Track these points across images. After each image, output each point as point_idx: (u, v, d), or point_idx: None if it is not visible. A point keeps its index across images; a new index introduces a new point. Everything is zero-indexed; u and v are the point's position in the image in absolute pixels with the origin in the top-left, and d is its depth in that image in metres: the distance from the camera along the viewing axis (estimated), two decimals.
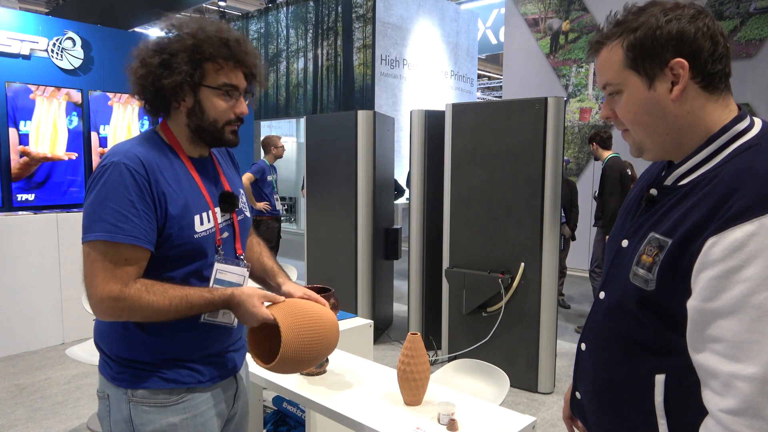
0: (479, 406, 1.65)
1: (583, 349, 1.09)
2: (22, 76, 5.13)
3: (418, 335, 1.65)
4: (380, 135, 4.58)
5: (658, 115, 0.92)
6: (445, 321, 4.03)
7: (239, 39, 1.29)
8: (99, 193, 1.18)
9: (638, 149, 0.99)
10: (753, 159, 0.83)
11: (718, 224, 0.80)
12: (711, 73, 0.89)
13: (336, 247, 4.66)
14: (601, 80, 0.98)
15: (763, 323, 0.76)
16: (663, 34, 0.88)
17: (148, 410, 1.26)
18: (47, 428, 3.08)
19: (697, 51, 0.88)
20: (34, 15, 5.50)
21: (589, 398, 1.07)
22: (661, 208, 0.93)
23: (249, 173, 5.37)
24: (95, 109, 5.42)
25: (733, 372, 0.78)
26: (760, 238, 0.76)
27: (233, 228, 1.39)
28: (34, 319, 4.31)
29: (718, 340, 0.80)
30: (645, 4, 0.94)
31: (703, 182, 0.88)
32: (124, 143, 1.27)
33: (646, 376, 0.93)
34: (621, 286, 0.97)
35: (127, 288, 1.17)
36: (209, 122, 1.29)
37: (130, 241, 1.17)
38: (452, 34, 11.78)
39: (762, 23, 5.79)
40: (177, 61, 1.22)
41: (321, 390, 1.75)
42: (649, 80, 0.91)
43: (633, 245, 0.96)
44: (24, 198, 4.98)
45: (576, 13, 7.53)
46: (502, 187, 3.67)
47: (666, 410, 0.91)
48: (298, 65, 11.49)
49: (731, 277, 0.78)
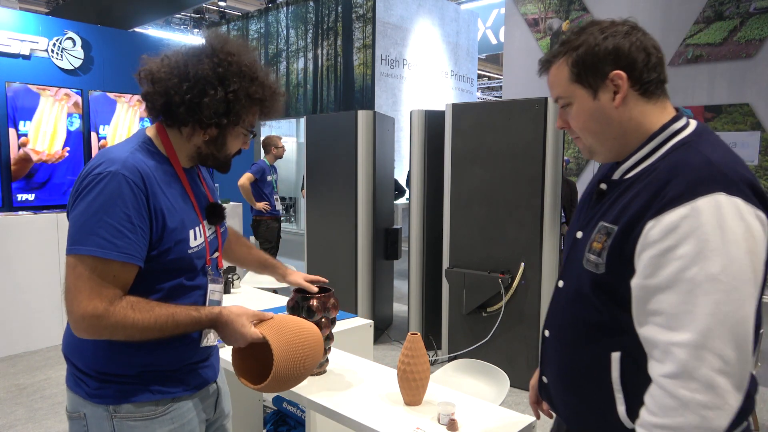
0: (479, 406, 1.65)
1: (546, 336, 1.17)
2: (22, 76, 5.13)
3: (418, 335, 1.65)
4: (380, 135, 4.58)
5: (604, 121, 1.03)
6: (445, 321, 4.03)
7: (278, 92, 1.31)
8: (92, 204, 1.11)
9: (589, 152, 1.10)
10: (686, 153, 0.95)
11: (656, 209, 0.90)
12: (647, 81, 1.01)
13: (336, 247, 4.66)
14: (553, 94, 1.09)
15: (695, 295, 0.85)
16: (601, 50, 1.00)
17: (134, 425, 1.21)
18: (47, 428, 3.08)
19: (632, 63, 1.00)
20: (34, 15, 5.49)
21: (555, 381, 1.14)
22: (609, 200, 1.04)
23: (249, 173, 5.36)
24: (95, 109, 5.42)
25: (670, 340, 0.87)
26: (691, 219, 0.86)
27: (217, 242, 1.38)
28: (34, 319, 4.31)
29: (657, 313, 0.89)
30: (585, 24, 1.06)
31: (644, 175, 0.98)
32: (117, 149, 1.20)
33: (603, 355, 1.01)
34: (577, 274, 1.06)
35: (112, 306, 1.11)
36: (224, 154, 1.30)
37: (123, 259, 1.11)
38: (452, 34, 11.78)
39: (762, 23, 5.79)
40: (240, 104, 1.21)
41: (321, 390, 1.75)
42: (594, 91, 1.03)
43: (586, 235, 1.06)
44: (24, 198, 4.98)
45: (576, 13, 7.53)
46: (502, 187, 3.67)
47: (622, 385, 1.00)
48: (298, 65, 11.49)
49: (667, 255, 0.88)
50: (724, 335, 0.84)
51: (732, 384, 0.84)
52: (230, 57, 1.21)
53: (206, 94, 1.18)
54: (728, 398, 0.84)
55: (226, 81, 1.20)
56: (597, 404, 1.04)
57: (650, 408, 0.90)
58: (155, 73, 1.21)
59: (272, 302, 2.73)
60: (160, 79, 1.20)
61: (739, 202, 0.87)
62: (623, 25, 1.03)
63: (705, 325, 0.85)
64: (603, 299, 1.00)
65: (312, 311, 1.75)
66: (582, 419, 1.09)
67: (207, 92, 1.18)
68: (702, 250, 0.85)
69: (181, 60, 1.21)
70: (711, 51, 5.78)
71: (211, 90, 1.18)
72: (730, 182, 0.88)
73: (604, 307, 1.01)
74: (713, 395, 0.84)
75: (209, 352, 1.37)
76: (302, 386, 1.77)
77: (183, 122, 1.23)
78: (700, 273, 0.85)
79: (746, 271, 0.85)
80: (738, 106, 5.57)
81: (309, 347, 1.30)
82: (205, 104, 1.18)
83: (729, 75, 5.75)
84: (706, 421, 0.84)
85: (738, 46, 6.15)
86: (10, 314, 4.21)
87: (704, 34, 5.78)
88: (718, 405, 0.84)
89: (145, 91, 1.23)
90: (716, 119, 5.53)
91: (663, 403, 0.88)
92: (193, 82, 1.18)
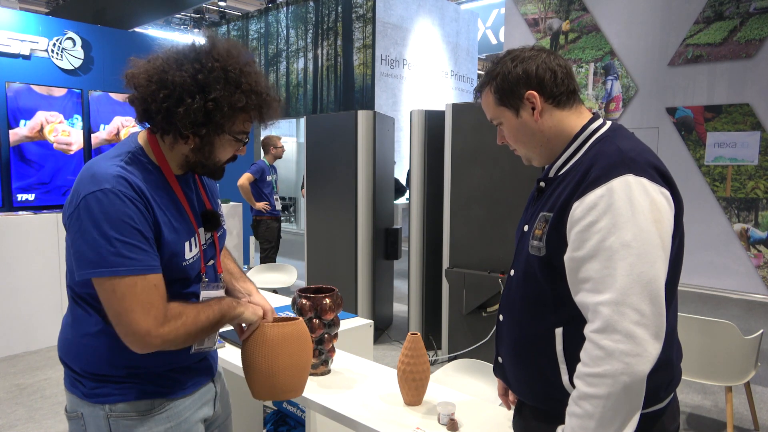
0: (479, 406, 1.65)
1: (501, 320, 1.31)
2: (22, 76, 5.13)
3: (418, 335, 1.66)
4: (380, 135, 4.58)
5: (530, 134, 1.21)
6: (445, 321, 4.03)
7: (270, 97, 1.24)
8: (97, 225, 1.09)
9: (527, 159, 1.28)
10: (603, 146, 1.13)
11: (580, 192, 1.06)
12: (558, 94, 1.18)
13: (336, 247, 4.66)
14: (488, 116, 1.29)
15: (613, 260, 1.00)
16: (513, 76, 1.18)
17: (130, 424, 1.21)
18: (47, 428, 3.08)
19: (541, 81, 1.17)
20: (34, 15, 5.49)
21: (508, 358, 1.27)
22: (546, 194, 1.20)
23: (248, 173, 5.36)
24: (95, 109, 5.42)
25: (597, 301, 1.01)
26: (606, 197, 1.02)
27: (214, 248, 1.37)
28: (34, 319, 4.31)
29: (586, 280, 1.04)
30: (502, 54, 1.24)
31: (572, 169, 1.15)
32: (105, 163, 1.16)
33: (548, 331, 1.15)
34: (524, 260, 1.21)
35: (165, 317, 1.14)
36: (213, 162, 1.24)
37: (153, 271, 1.14)
38: (452, 34, 11.78)
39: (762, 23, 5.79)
40: (220, 112, 1.16)
41: (321, 390, 1.75)
42: (515, 111, 1.21)
43: (530, 227, 1.21)
44: (24, 198, 4.98)
45: (576, 13, 7.53)
46: (502, 187, 3.67)
47: (565, 356, 1.13)
48: (298, 65, 11.49)
49: (589, 230, 1.03)
50: (639, 292, 0.98)
51: (649, 334, 0.98)
52: (214, 63, 1.15)
53: (183, 102, 1.13)
54: (647, 346, 0.98)
55: (207, 88, 1.14)
56: (545, 375, 1.17)
57: (584, 360, 1.03)
58: (136, 78, 1.17)
59: (272, 302, 2.73)
60: (140, 85, 1.16)
61: (644, 181, 1.03)
62: (531, 50, 1.20)
63: (622, 284, 0.99)
64: (548, 277, 1.14)
65: (302, 311, 1.75)
66: (533, 390, 1.22)
67: (184, 100, 1.13)
68: (616, 222, 1.01)
69: (162, 65, 1.16)
70: (711, 51, 5.78)
71: (188, 98, 1.13)
72: (637, 165, 1.04)
73: (548, 285, 1.14)
74: (633, 344, 0.97)
75: (204, 353, 1.36)
76: None
77: (163, 130, 1.18)
78: (616, 241, 1.00)
79: (653, 238, 1.00)
80: (738, 106, 5.57)
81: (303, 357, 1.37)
82: (180, 113, 1.13)
83: (729, 75, 5.75)
84: (629, 367, 0.97)
85: (738, 46, 6.15)
86: (10, 314, 4.20)
87: (704, 34, 5.78)
88: (638, 352, 0.97)
89: (131, 96, 1.20)
90: (716, 119, 5.53)
91: (592, 355, 1.01)
92: (171, 90, 1.13)
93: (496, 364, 1.35)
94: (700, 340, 2.80)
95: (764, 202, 5.06)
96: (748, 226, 5.09)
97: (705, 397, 3.59)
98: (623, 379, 0.97)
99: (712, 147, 5.40)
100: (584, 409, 1.01)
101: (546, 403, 1.19)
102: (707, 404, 3.49)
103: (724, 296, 5.15)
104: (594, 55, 5.76)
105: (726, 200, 5.20)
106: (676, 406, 1.20)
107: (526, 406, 1.27)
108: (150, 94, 1.14)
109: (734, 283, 5.09)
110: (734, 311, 5.57)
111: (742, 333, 2.78)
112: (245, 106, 1.19)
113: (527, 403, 1.26)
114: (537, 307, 1.18)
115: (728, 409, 2.85)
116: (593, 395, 1.00)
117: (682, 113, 5.56)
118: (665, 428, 1.15)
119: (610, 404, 0.98)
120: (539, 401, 1.21)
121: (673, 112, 5.59)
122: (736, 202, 5.17)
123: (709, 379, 2.84)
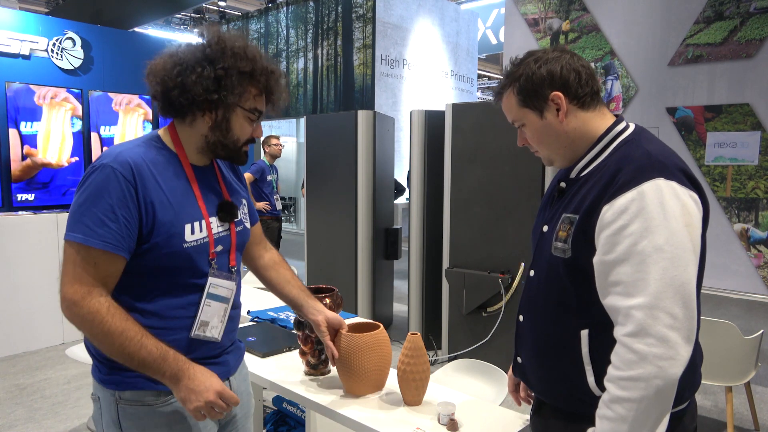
0: (479, 406, 1.65)
1: (521, 320, 1.31)
2: (22, 76, 5.13)
3: (418, 335, 1.65)
4: (380, 135, 4.58)
5: (554, 135, 1.20)
6: (445, 321, 4.03)
7: (275, 72, 1.33)
8: (83, 194, 1.18)
9: (548, 161, 1.27)
10: (630, 149, 1.12)
11: (609, 195, 1.06)
12: (582, 96, 1.18)
13: (336, 247, 4.66)
14: (509, 118, 1.27)
15: (646, 264, 1.00)
16: (538, 77, 1.17)
17: (135, 412, 1.25)
18: (47, 428, 3.08)
19: (566, 82, 1.17)
20: (34, 15, 5.49)
21: (529, 359, 1.27)
22: (569, 195, 1.19)
23: (248, 173, 5.38)
24: (95, 109, 5.42)
25: (629, 305, 1.01)
26: (637, 201, 1.02)
27: (230, 239, 1.37)
28: (34, 319, 4.31)
29: (617, 283, 1.04)
30: (523, 55, 1.23)
31: (597, 171, 1.14)
32: (121, 144, 1.26)
33: (573, 333, 1.15)
34: (547, 262, 1.20)
35: (90, 296, 1.16)
36: (232, 140, 1.30)
37: (101, 246, 1.16)
38: (452, 34, 11.78)
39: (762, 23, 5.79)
40: (230, 80, 1.23)
41: (321, 390, 1.75)
42: (540, 112, 1.20)
43: (551, 228, 1.20)
44: (24, 198, 4.98)
45: (576, 13, 7.52)
46: (502, 187, 3.67)
47: (591, 358, 1.13)
48: (298, 65, 11.49)
49: (621, 233, 1.03)
50: (672, 296, 0.99)
51: (681, 337, 0.99)
52: (221, 42, 1.26)
53: (194, 71, 1.22)
54: (679, 350, 0.98)
55: (215, 61, 1.24)
56: (569, 377, 1.17)
57: (615, 364, 1.03)
58: (154, 68, 1.27)
59: (272, 302, 2.73)
60: (157, 71, 1.26)
61: (674, 185, 1.03)
62: (554, 51, 1.21)
63: (656, 288, 0.99)
64: (574, 279, 1.14)
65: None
66: (556, 391, 1.22)
67: (195, 70, 1.22)
68: (648, 226, 1.01)
69: (176, 51, 1.28)
70: (711, 51, 5.78)
71: (199, 68, 1.23)
72: (667, 169, 1.05)
73: (573, 287, 1.14)
74: (666, 347, 0.98)
75: (214, 353, 1.36)
76: (302, 386, 1.78)
77: (181, 107, 1.26)
78: (649, 245, 1.00)
79: (685, 241, 1.01)
80: (738, 106, 5.57)
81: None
82: (192, 81, 1.22)
83: (729, 75, 5.75)
84: (662, 370, 0.97)
85: (738, 46, 6.15)
86: (10, 314, 4.20)
87: (704, 34, 5.78)
88: (671, 356, 0.98)
89: (152, 90, 1.28)
90: (716, 119, 5.53)
91: (625, 358, 1.01)
92: (183, 65, 1.23)
93: (515, 364, 1.36)
94: (700, 340, 2.80)
95: (764, 202, 5.06)
96: (749, 226, 5.09)
97: (705, 397, 3.59)
98: (656, 383, 0.98)
99: (713, 147, 5.40)
100: (617, 412, 1.01)
101: (569, 404, 1.19)
102: (707, 404, 3.49)
103: (724, 296, 5.15)
104: (594, 55, 5.76)
105: (726, 200, 5.20)
106: (695, 406, 1.21)
107: (546, 405, 1.27)
108: (166, 73, 1.24)
109: (734, 283, 5.09)
110: (734, 311, 5.57)
111: (742, 333, 2.78)
112: (252, 71, 1.26)
113: (548, 403, 1.26)
114: (560, 309, 1.18)
115: (728, 409, 2.85)
116: (626, 398, 1.00)
117: (682, 113, 5.56)
118: (686, 428, 1.16)
119: (642, 407, 0.99)
120: (562, 402, 1.21)
121: (673, 112, 5.59)
122: (737, 202, 5.17)
123: (709, 379, 2.84)
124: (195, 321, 1.29)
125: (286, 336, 2.21)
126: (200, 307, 1.30)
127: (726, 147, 5.35)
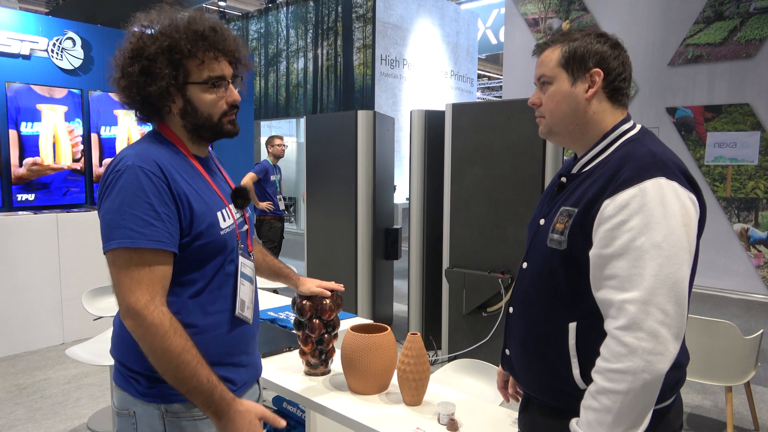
0: (479, 406, 1.66)
1: (511, 312, 1.32)
2: (22, 76, 5.13)
3: (418, 335, 1.66)
4: (380, 135, 4.58)
5: (572, 107, 1.20)
6: (445, 321, 4.03)
7: (214, 27, 1.25)
8: (115, 199, 1.13)
9: (549, 132, 1.26)
10: (634, 147, 1.14)
11: (611, 190, 1.08)
12: (617, 87, 1.20)
13: (336, 247, 4.66)
14: (539, 72, 1.25)
15: (643, 260, 1.02)
16: (591, 48, 1.19)
17: (185, 425, 1.21)
18: (47, 428, 3.08)
19: (610, 68, 1.19)
20: (34, 15, 5.49)
21: (517, 351, 1.28)
22: (569, 190, 1.21)
23: (252, 173, 5.39)
24: (95, 109, 5.42)
25: (623, 298, 1.03)
26: (639, 198, 1.04)
27: (245, 224, 1.39)
28: (34, 319, 4.31)
29: (612, 277, 1.05)
30: (588, 27, 1.23)
31: (599, 167, 1.16)
32: (133, 146, 1.23)
33: (561, 325, 1.16)
34: (541, 254, 1.21)
35: (153, 304, 1.11)
36: (204, 118, 1.26)
37: (153, 246, 1.12)
38: (452, 34, 11.78)
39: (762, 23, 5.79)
40: (157, 66, 1.18)
41: (321, 390, 1.75)
42: (573, 79, 1.20)
43: (548, 220, 1.22)
44: (24, 198, 4.98)
45: (576, 13, 7.53)
46: (502, 187, 3.67)
47: (577, 351, 1.14)
48: (298, 65, 11.49)
49: (620, 228, 1.04)
50: (666, 293, 1.01)
51: (671, 334, 1.01)
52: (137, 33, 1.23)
53: (145, 50, 1.20)
54: (668, 346, 1.00)
55: (143, 54, 1.20)
56: (555, 369, 1.18)
57: (604, 356, 1.05)
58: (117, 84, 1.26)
59: (273, 302, 2.73)
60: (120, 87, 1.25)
61: (675, 185, 1.05)
62: (612, 38, 1.23)
63: (651, 284, 1.01)
64: (567, 271, 1.15)
65: (302, 311, 1.76)
66: (541, 383, 1.23)
67: (145, 49, 1.20)
68: (648, 222, 1.03)
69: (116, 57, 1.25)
70: (711, 51, 5.78)
71: (129, 68, 1.20)
72: (669, 169, 1.07)
73: (565, 279, 1.16)
74: (656, 343, 1.00)
75: (251, 348, 1.37)
76: (302, 386, 1.78)
77: (155, 112, 1.26)
78: (647, 242, 1.02)
79: (682, 240, 1.03)
80: (738, 106, 5.57)
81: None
82: (131, 84, 1.20)
83: (729, 75, 5.75)
84: (650, 365, 0.99)
85: (738, 46, 6.15)
86: (10, 314, 4.20)
87: (704, 34, 5.78)
88: (660, 351, 1.00)
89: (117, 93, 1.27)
90: (716, 119, 5.53)
91: (615, 351, 1.02)
92: (134, 50, 1.21)
93: (504, 357, 1.36)
94: (700, 340, 2.80)
95: (764, 202, 5.06)
96: (748, 226, 5.09)
97: (705, 397, 3.59)
98: (644, 377, 0.99)
99: (712, 147, 5.40)
100: (602, 403, 1.03)
101: (554, 397, 1.20)
102: (707, 404, 3.49)
103: (724, 296, 5.15)
104: None
105: (726, 200, 5.20)
106: (680, 403, 1.22)
107: (532, 403, 1.28)
108: (123, 65, 1.22)
109: (734, 283, 5.09)
110: (734, 311, 5.57)
111: (742, 333, 2.78)
112: (174, 44, 1.20)
113: (533, 399, 1.27)
114: (551, 301, 1.19)
115: (728, 409, 2.85)
116: (612, 390, 1.02)
117: (682, 113, 5.56)
118: (671, 425, 1.17)
119: (628, 400, 1.01)
120: (547, 395, 1.22)
121: (673, 112, 5.59)
122: (736, 202, 5.17)
123: (709, 379, 2.84)
124: (236, 300, 1.29)
125: (286, 336, 2.21)
126: (237, 287, 1.30)
127: (726, 147, 5.34)
